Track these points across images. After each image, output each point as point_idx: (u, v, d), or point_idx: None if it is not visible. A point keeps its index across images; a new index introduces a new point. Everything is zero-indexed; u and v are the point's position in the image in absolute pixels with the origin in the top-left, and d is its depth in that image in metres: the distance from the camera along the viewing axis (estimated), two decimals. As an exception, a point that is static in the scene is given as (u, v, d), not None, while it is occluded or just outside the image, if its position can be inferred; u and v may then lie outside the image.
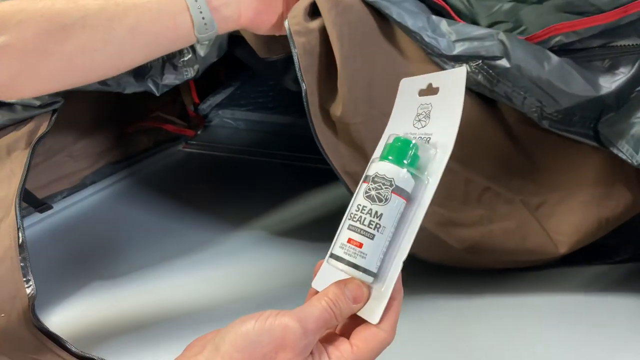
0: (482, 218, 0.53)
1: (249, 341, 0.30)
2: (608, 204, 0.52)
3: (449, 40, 0.49)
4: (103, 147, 0.87)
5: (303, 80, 0.48)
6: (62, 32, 0.43)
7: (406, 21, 0.49)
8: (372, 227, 0.33)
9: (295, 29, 0.48)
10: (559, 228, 0.53)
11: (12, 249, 0.56)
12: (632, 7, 0.47)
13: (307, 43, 0.48)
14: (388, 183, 0.33)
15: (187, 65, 0.66)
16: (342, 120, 0.49)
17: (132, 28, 0.45)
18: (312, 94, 0.49)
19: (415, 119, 0.37)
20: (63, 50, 0.44)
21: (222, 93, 1.09)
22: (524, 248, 0.53)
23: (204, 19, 0.47)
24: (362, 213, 0.33)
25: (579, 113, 0.50)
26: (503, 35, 0.49)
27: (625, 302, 0.53)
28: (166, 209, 0.79)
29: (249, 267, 0.65)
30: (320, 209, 0.76)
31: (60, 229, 0.76)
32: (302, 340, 0.30)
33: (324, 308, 0.32)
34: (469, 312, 0.53)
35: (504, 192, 0.54)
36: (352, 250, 0.33)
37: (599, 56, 0.51)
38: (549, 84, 0.48)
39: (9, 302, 0.53)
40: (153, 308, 0.59)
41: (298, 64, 0.48)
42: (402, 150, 0.34)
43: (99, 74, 0.48)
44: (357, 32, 0.48)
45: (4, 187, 0.60)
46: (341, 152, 0.51)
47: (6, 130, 0.63)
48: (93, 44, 0.44)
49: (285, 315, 0.31)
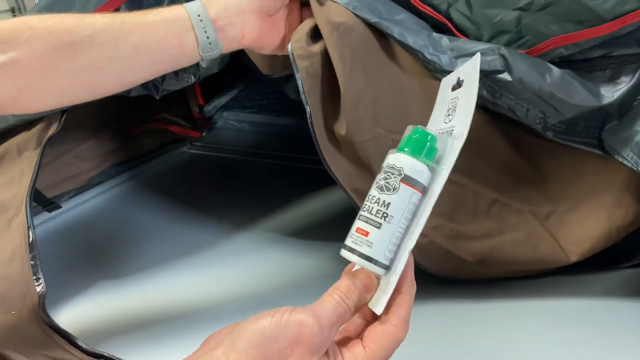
0: (492, 230, 0.53)
1: (266, 337, 0.30)
2: (618, 212, 0.52)
3: (450, 57, 0.49)
4: (109, 148, 0.88)
5: (307, 102, 0.48)
6: (70, 49, 0.44)
7: (407, 40, 0.49)
8: (379, 216, 0.32)
9: (298, 53, 0.49)
10: (569, 237, 0.53)
11: (22, 247, 0.56)
12: (629, 18, 0.47)
13: (310, 66, 0.49)
14: (397, 172, 0.33)
15: (188, 73, 0.66)
16: (347, 139, 0.50)
17: (137, 46, 0.46)
18: (317, 116, 0.49)
19: (446, 115, 0.37)
20: (70, 67, 0.45)
21: (227, 95, 1.10)
22: (534, 258, 0.53)
23: (208, 38, 0.48)
24: (371, 202, 0.33)
25: (582, 123, 0.50)
26: (504, 49, 0.49)
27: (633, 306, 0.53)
28: (171, 209, 0.80)
29: (253, 267, 0.66)
30: (325, 210, 0.77)
31: (66, 228, 0.77)
32: (318, 336, 0.31)
33: (336, 302, 0.32)
34: (475, 315, 0.53)
35: (513, 203, 0.54)
36: (359, 239, 0.33)
37: (600, 66, 0.51)
38: (551, 95, 0.48)
39: (20, 300, 0.54)
40: (159, 306, 0.60)
41: (302, 87, 0.48)
42: (419, 141, 0.33)
43: (104, 90, 0.49)
44: (359, 52, 0.49)
45: (15, 186, 0.61)
46: (348, 170, 0.51)
47: (17, 131, 0.64)
48: (99, 61, 0.45)
49: (301, 312, 0.31)
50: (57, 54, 0.44)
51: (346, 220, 0.36)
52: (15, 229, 0.58)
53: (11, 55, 0.43)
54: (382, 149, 0.51)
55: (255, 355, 0.30)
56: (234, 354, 0.30)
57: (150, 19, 0.47)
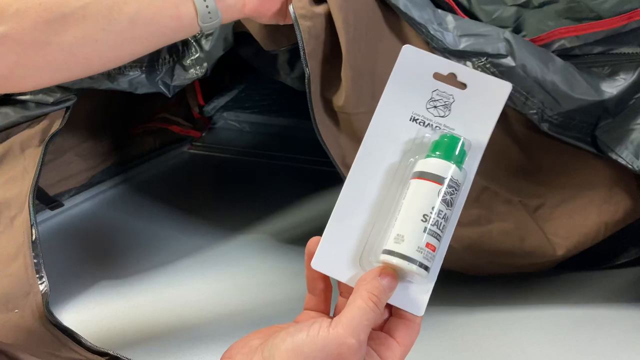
0: (481, 218, 0.53)
1: (302, 356, 0.28)
2: (607, 208, 0.52)
3: (455, 35, 0.49)
4: (110, 147, 0.88)
5: (307, 65, 0.47)
6: (62, 22, 0.42)
7: (412, 13, 0.48)
8: (441, 229, 0.32)
9: (300, 13, 0.47)
10: (557, 230, 0.53)
11: (25, 245, 0.56)
12: (636, 15, 0.48)
13: (313, 27, 0.47)
14: (458, 188, 0.33)
15: (197, 64, 0.66)
16: (344, 110, 0.49)
17: (133, 17, 0.44)
18: (315, 82, 0.48)
19: (430, 103, 0.35)
20: (62, 41, 0.42)
21: (227, 95, 1.10)
22: (521, 249, 0.53)
23: (207, 7, 0.46)
24: (440, 218, 0.32)
25: (578, 117, 0.50)
26: (509, 34, 0.49)
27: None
28: (171, 210, 0.80)
29: (255, 267, 0.66)
30: (325, 210, 0.75)
31: (67, 226, 0.77)
32: (358, 353, 0.29)
33: (371, 309, 0.30)
34: (476, 324, 0.53)
35: (503, 193, 0.54)
36: (430, 255, 0.32)
37: (599, 63, 0.51)
38: (553, 85, 0.48)
39: (23, 299, 0.53)
40: (161, 306, 0.60)
41: (303, 49, 0.47)
42: (461, 151, 0.33)
43: (100, 65, 0.47)
44: (362, 19, 0.48)
45: (18, 184, 0.60)
46: (341, 143, 0.51)
47: (19, 128, 0.63)
48: (93, 34, 0.43)
49: (339, 327, 0.29)
50: (47, 27, 0.41)
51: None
52: (18, 227, 0.57)
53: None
54: None
55: None
56: None
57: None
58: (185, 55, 0.66)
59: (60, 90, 0.62)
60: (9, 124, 0.63)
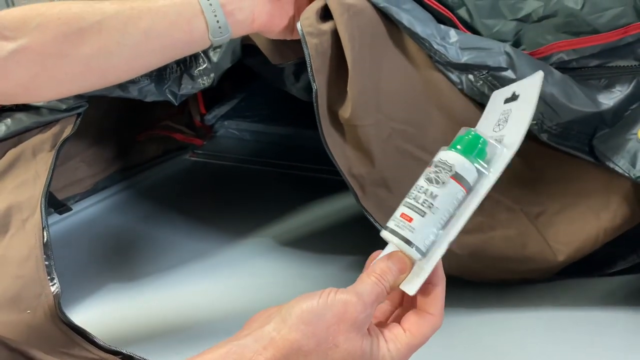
0: (483, 225, 0.54)
1: (314, 314, 0.32)
2: (606, 215, 0.53)
3: (457, 49, 0.50)
4: (115, 154, 0.89)
5: (314, 80, 0.49)
6: (79, 35, 0.44)
7: (416, 28, 0.50)
8: (425, 206, 0.35)
9: (307, 30, 0.49)
10: (558, 237, 0.54)
11: (37, 247, 0.57)
12: (632, 29, 0.49)
13: (320, 44, 0.49)
14: (448, 168, 0.35)
15: (204, 74, 0.67)
16: (351, 122, 0.50)
17: (147, 31, 0.46)
18: (322, 96, 0.50)
19: (496, 124, 0.39)
20: (80, 53, 0.45)
21: (227, 104, 1.11)
22: (523, 256, 0.54)
23: (218, 22, 0.48)
24: (418, 192, 0.35)
25: (576, 128, 0.52)
26: (509, 47, 0.50)
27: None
28: (173, 216, 0.81)
29: (257, 274, 0.67)
30: (325, 219, 0.78)
31: (73, 231, 0.77)
32: (362, 312, 0.33)
33: (374, 282, 0.34)
34: (476, 324, 0.54)
35: (504, 200, 0.55)
36: (402, 224, 0.35)
37: (596, 75, 0.53)
38: (552, 97, 0.50)
39: (35, 300, 0.54)
40: (168, 308, 0.61)
41: (310, 65, 0.49)
42: (471, 142, 0.36)
43: (115, 77, 0.49)
44: (367, 35, 0.50)
45: (30, 188, 0.61)
46: (347, 154, 0.52)
47: (32, 133, 0.64)
48: (109, 47, 0.45)
49: (344, 292, 0.33)
50: (65, 40, 0.44)
51: (348, 229, 0.37)
52: (30, 229, 0.58)
53: (22, 42, 0.43)
54: (382, 135, 0.52)
55: (304, 330, 0.32)
56: (285, 329, 0.32)
57: (160, 3, 0.47)
58: (192, 66, 0.67)
59: (73, 97, 0.63)
60: (21, 129, 0.64)
